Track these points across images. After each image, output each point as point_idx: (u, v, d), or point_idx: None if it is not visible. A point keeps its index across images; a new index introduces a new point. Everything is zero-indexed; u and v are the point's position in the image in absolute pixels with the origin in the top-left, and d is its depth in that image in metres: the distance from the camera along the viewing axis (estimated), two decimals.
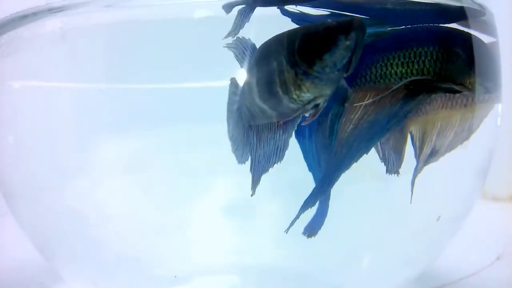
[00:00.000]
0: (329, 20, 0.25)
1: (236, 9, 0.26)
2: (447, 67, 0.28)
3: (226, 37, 0.26)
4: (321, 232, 0.29)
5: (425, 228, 0.32)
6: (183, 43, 0.28)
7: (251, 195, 0.27)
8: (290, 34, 0.25)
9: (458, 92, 0.28)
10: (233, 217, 0.29)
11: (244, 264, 0.30)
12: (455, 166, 0.31)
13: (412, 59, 0.27)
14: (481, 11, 0.32)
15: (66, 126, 0.30)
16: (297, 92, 0.25)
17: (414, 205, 0.30)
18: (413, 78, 0.27)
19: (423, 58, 0.27)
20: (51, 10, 0.29)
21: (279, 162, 0.27)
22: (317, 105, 0.25)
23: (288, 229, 0.27)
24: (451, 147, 0.30)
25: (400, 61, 0.27)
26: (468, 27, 0.30)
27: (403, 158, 0.28)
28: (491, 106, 0.32)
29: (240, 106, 0.27)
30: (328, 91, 0.25)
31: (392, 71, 0.27)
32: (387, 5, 0.28)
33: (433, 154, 0.29)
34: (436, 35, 0.28)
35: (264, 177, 0.27)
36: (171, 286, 0.31)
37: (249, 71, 0.26)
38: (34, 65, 0.30)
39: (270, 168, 0.27)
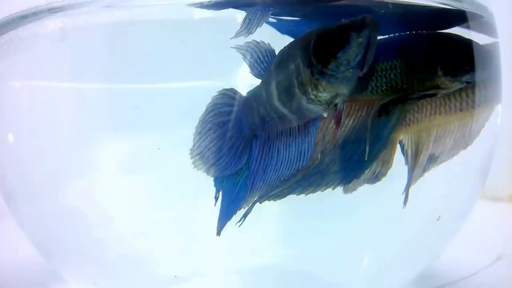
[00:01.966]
0: (343, 20, 0.26)
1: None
2: (413, 76, 0.28)
3: (235, 37, 0.26)
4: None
5: (425, 228, 0.32)
6: (183, 43, 0.28)
7: (240, 208, 0.27)
8: (305, 36, 0.26)
9: (433, 95, 0.29)
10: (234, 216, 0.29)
11: (244, 264, 0.30)
12: (455, 166, 0.31)
13: (380, 74, 0.27)
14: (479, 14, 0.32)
15: (66, 126, 0.30)
16: (314, 92, 0.25)
17: (414, 205, 0.30)
18: (383, 101, 0.28)
19: (389, 72, 0.27)
20: (51, 10, 0.29)
21: (303, 166, 0.27)
22: (335, 105, 0.26)
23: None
24: (453, 153, 0.30)
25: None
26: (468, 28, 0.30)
27: (390, 166, 0.28)
28: (490, 108, 0.32)
29: (240, 116, 0.26)
30: (344, 90, 0.25)
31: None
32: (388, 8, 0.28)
33: (433, 161, 0.29)
34: (398, 45, 0.28)
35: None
36: (171, 286, 0.31)
37: (268, 76, 0.26)
38: (34, 65, 0.30)
39: (293, 172, 0.27)
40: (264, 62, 0.26)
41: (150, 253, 0.30)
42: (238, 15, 0.26)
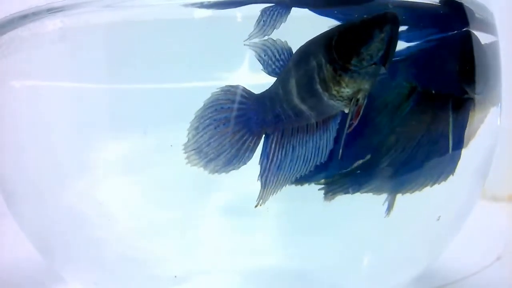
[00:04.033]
0: (364, 16, 0.26)
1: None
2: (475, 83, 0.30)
3: (248, 39, 0.26)
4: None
5: (425, 228, 0.32)
6: (183, 43, 0.28)
7: (257, 206, 0.27)
8: (327, 33, 0.26)
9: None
10: (234, 216, 0.29)
11: (245, 264, 0.30)
12: None
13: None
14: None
15: (66, 126, 0.30)
16: (337, 88, 0.26)
17: (414, 205, 0.30)
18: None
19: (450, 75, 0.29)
20: (51, 10, 0.29)
21: (321, 162, 0.27)
22: (357, 101, 0.26)
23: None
24: None
25: None
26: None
27: None
28: (485, 110, 0.32)
29: (249, 113, 0.26)
30: (366, 85, 0.26)
31: None
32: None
33: None
34: (457, 46, 0.30)
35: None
36: (171, 286, 0.31)
37: (285, 74, 0.26)
38: (34, 65, 0.30)
39: (310, 170, 0.27)
40: (280, 60, 0.26)
41: (150, 253, 0.30)
42: (238, 14, 0.26)
